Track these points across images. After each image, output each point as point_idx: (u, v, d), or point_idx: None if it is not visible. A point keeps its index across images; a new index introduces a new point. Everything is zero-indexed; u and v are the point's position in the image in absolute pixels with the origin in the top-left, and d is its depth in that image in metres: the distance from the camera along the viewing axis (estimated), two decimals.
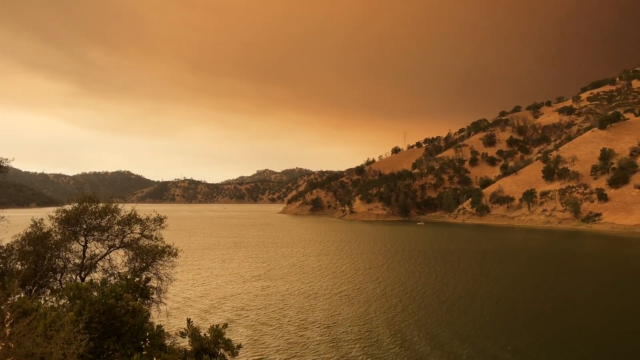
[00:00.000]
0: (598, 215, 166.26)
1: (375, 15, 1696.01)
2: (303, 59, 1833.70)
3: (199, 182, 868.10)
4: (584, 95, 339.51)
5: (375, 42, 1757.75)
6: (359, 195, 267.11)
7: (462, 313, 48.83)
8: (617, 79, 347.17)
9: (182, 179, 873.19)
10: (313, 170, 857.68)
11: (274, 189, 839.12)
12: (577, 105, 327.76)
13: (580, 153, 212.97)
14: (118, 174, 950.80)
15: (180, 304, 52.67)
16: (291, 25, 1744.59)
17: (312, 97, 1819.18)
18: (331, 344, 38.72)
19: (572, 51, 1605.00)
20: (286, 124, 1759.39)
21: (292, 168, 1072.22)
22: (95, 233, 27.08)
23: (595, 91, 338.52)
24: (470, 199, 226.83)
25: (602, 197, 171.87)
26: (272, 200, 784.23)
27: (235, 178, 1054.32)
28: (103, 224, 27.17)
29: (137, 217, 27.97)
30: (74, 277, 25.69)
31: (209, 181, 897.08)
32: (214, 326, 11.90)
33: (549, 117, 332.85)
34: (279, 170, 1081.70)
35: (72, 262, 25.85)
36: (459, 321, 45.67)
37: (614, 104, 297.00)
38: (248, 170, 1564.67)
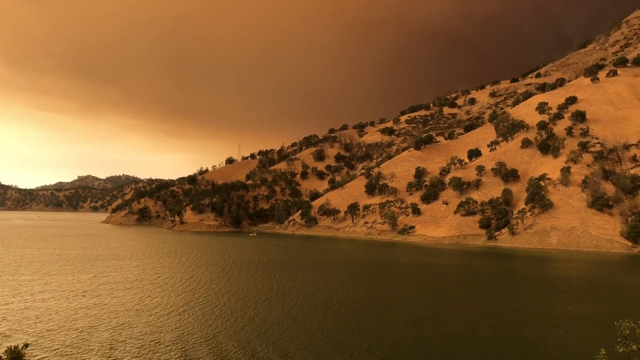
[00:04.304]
0: (412, 227, 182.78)
1: (215, 23, 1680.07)
2: (135, 61, 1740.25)
3: (8, 187, 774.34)
4: (403, 118, 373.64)
5: (212, 51, 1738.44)
6: (191, 206, 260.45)
7: (303, 321, 50.46)
8: (431, 104, 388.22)
9: None
10: (142, 178, 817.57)
11: (97, 197, 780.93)
12: (397, 126, 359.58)
13: (399, 170, 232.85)
14: None
15: None
16: (124, 26, 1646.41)
17: (144, 101, 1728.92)
18: None
19: (394, 79, 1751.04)
20: (114, 128, 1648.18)
21: (118, 175, 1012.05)
22: None
23: (412, 115, 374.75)
24: (300, 211, 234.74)
25: (416, 211, 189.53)
26: (95, 209, 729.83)
27: (52, 184, 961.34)
28: None
29: None
30: None
31: (21, 186, 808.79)
32: (12, 347, 10.55)
33: (372, 136, 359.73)
34: (103, 177, 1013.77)
35: None
36: (297, 328, 47.12)
37: (427, 127, 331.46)
38: (68, 176, 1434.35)
